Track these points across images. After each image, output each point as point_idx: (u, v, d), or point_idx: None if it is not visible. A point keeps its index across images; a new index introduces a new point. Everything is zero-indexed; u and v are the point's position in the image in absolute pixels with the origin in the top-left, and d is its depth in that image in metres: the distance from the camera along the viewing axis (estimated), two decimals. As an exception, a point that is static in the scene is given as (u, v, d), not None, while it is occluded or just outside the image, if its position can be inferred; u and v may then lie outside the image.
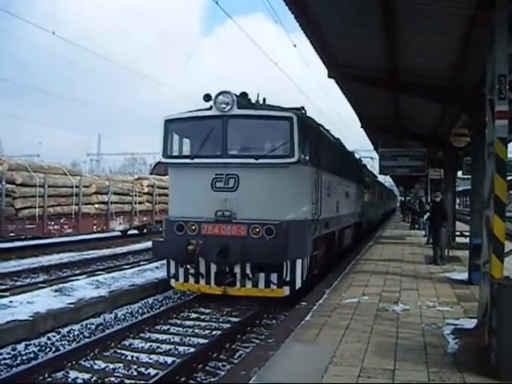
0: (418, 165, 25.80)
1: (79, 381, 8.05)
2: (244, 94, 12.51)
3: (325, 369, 6.48)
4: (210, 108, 12.46)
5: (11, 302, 11.68)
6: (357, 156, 29.27)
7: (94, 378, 8.11)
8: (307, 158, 12.81)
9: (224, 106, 12.19)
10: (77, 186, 25.75)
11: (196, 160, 12.64)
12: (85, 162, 72.35)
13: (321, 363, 6.68)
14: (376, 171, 35.16)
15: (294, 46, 17.32)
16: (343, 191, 19.51)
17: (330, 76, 15.18)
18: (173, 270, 12.89)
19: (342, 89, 17.40)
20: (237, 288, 12.13)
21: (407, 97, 16.59)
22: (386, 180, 65.17)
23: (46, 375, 8.11)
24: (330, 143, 17.04)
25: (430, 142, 25.20)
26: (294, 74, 24.83)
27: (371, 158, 39.08)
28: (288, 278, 11.95)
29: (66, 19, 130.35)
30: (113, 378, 8.11)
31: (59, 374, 8.23)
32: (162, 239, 14.22)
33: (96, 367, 8.65)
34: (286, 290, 12.02)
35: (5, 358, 8.93)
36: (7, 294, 12.91)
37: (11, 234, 22.60)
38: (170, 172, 13.77)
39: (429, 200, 34.35)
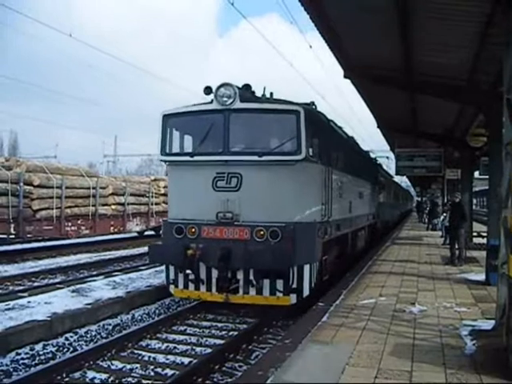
0: (434, 165, 25.67)
1: (97, 381, 8.11)
2: (247, 87, 11.76)
3: (342, 370, 6.46)
4: (211, 102, 11.72)
5: (29, 302, 11.82)
6: (372, 155, 28.69)
7: (112, 378, 8.17)
8: (316, 155, 11.89)
9: (226, 99, 11.41)
10: (94, 188, 25.92)
11: (196, 158, 11.86)
12: (101, 163, 72.63)
13: (338, 364, 6.66)
14: (392, 171, 35.05)
15: (310, 46, 17.28)
16: (356, 191, 18.84)
17: (345, 76, 15.17)
18: (172, 276, 12.14)
19: (357, 89, 17.36)
20: (240, 295, 11.40)
21: (423, 97, 16.53)
22: (403, 180, 64.91)
23: (64, 375, 8.17)
24: (342, 140, 16.25)
25: (447, 142, 25.00)
26: (310, 75, 24.72)
27: (387, 157, 38.91)
28: (295, 285, 11.21)
29: (81, 22, 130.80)
30: (130, 379, 8.17)
31: (77, 374, 8.29)
32: (160, 243, 13.87)
33: (113, 367, 8.71)
34: (293, 298, 11.27)
35: (23, 358, 9.02)
36: (25, 294, 13.02)
37: (29, 235, 22.80)
38: (168, 171, 13.14)
39: (445, 200, 34.23)
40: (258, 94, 12.06)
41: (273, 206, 11.32)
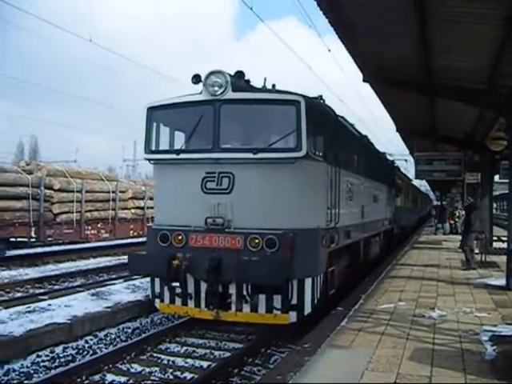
0: (454, 169, 25.49)
1: (116, 383, 8.20)
2: (240, 74, 10.30)
3: (361, 374, 6.44)
4: (201, 93, 10.43)
5: (50, 305, 11.95)
6: (389, 158, 27.76)
7: (131, 381, 8.26)
8: (320, 152, 10.64)
9: (216, 88, 10.12)
10: (113, 192, 26.16)
11: (182, 155, 10.55)
12: (121, 167, 72.91)
13: (357, 369, 6.65)
14: (410, 174, 34.81)
15: (329, 50, 17.28)
16: (370, 194, 17.51)
17: (364, 80, 15.15)
18: (157, 289, 10.82)
19: (376, 93, 17.35)
20: (232, 312, 10.06)
21: (442, 100, 16.46)
22: (422, 184, 64.48)
23: (84, 377, 8.28)
24: (354, 138, 14.94)
25: (467, 146, 24.83)
26: (329, 78, 24.71)
27: (405, 160, 38.59)
28: (295, 301, 9.91)
29: (100, 26, 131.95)
30: (149, 382, 8.26)
31: (96, 377, 8.39)
32: (141, 253, 12.85)
33: (132, 370, 8.79)
34: (293, 317, 9.93)
35: (43, 361, 9.14)
36: (46, 297, 13.16)
37: (49, 239, 23.04)
38: (154, 171, 11.72)
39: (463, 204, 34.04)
40: (259, 86, 10.88)
41: (269, 210, 10.08)
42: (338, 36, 11.84)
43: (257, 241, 9.84)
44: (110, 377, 8.42)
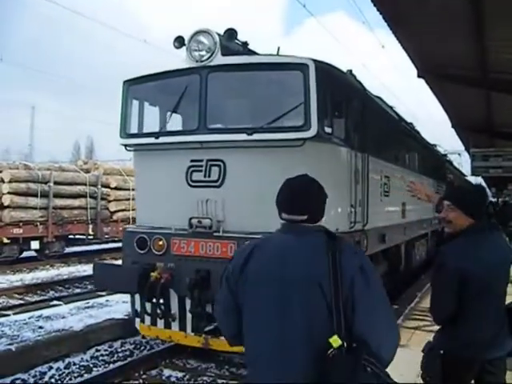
0: (511, 165, 24.92)
1: (173, 379, 8.27)
2: (231, 32, 7.98)
3: (418, 373, 6.38)
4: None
5: (107, 301, 12.30)
6: (441, 150, 25.55)
7: (187, 377, 8.32)
8: (340, 134, 8.41)
9: (203, 53, 7.96)
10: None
11: (162, 139, 8.41)
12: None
13: (414, 366, 6.61)
14: (463, 169, 34.00)
15: (383, 46, 17.11)
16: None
17: (419, 76, 14.96)
18: (138, 306, 8.74)
19: (431, 88, 17.06)
20: (224, 339, 6.70)
21: (499, 95, 16.10)
22: (478, 181, 63.17)
23: (141, 372, 8.45)
24: (392, 122, 12.65)
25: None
26: (383, 74, 24.50)
27: (459, 154, 37.60)
28: None
29: (151, 25, 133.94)
30: (205, 378, 8.26)
31: (153, 372, 8.51)
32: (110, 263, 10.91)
33: (188, 366, 8.83)
34: None
35: (102, 355, 9.35)
36: (104, 293, 13.41)
37: (106, 236, 23.50)
38: (133, 159, 9.51)
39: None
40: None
41: (270, 208, 6.62)
42: (393, 31, 11.71)
43: None
44: (167, 372, 8.49)
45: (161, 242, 8.23)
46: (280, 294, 2.71)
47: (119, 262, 19.49)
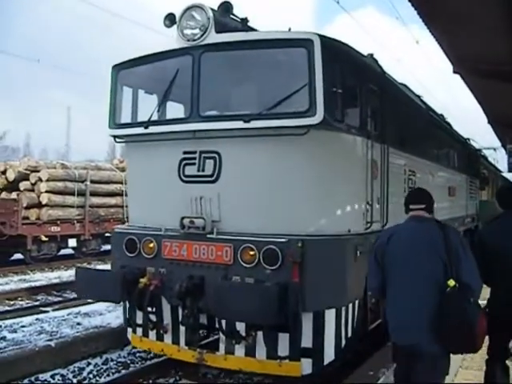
0: (548, 161, 24.47)
1: (209, 375, 8.18)
2: (226, 6, 7.01)
3: (455, 373, 6.33)
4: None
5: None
6: (475, 145, 24.14)
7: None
8: (353, 121, 7.35)
9: (196, 31, 7.02)
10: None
11: (152, 129, 7.49)
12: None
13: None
14: (499, 165, 33.26)
15: (417, 42, 16.89)
16: (444, 186, 13.78)
17: (455, 72, 14.75)
18: (129, 314, 7.90)
19: (467, 84, 16.80)
20: (220, 354, 7.07)
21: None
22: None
23: (177, 369, 8.37)
24: (418, 112, 11.52)
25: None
26: (417, 70, 24.19)
27: (494, 149, 36.75)
28: (309, 344, 6.64)
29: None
30: (241, 374, 7.93)
31: (191, 369, 8.23)
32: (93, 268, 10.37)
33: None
34: (306, 366, 6.65)
35: (139, 351, 9.20)
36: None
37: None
38: (125, 153, 8.70)
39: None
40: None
41: (270, 206, 6.82)
42: (427, 27, 11.56)
43: (251, 253, 6.63)
44: (203, 368, 8.22)
45: (151, 245, 7.40)
46: (414, 257, 4.43)
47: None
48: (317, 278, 6.47)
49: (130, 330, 8.05)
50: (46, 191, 19.33)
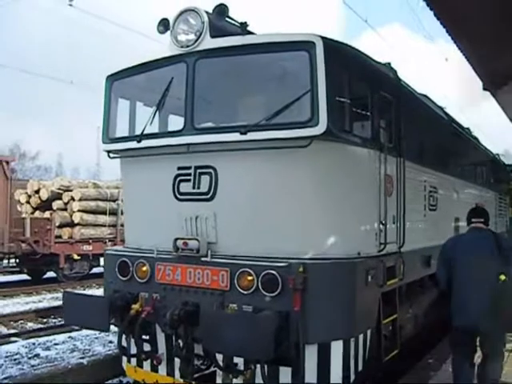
0: None
1: None
2: (222, 9, 6.38)
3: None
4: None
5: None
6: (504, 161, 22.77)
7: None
8: (362, 131, 6.81)
9: (189, 37, 6.52)
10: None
11: (144, 143, 6.94)
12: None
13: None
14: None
15: (446, 59, 16.38)
16: (468, 202, 12.21)
17: (485, 88, 14.31)
18: (124, 343, 7.24)
19: (498, 101, 16.37)
20: None
21: None
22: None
23: None
24: (439, 124, 10.78)
25: None
26: (445, 87, 23.70)
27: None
28: (313, 380, 5.95)
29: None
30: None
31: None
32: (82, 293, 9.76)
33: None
34: None
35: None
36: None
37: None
38: (120, 170, 7.99)
39: None
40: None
41: (270, 226, 6.19)
42: (456, 44, 11.13)
43: (249, 278, 6.00)
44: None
45: (144, 268, 6.85)
46: (475, 258, 6.10)
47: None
48: (321, 306, 5.83)
49: (124, 359, 7.44)
50: (79, 210, 20.01)
